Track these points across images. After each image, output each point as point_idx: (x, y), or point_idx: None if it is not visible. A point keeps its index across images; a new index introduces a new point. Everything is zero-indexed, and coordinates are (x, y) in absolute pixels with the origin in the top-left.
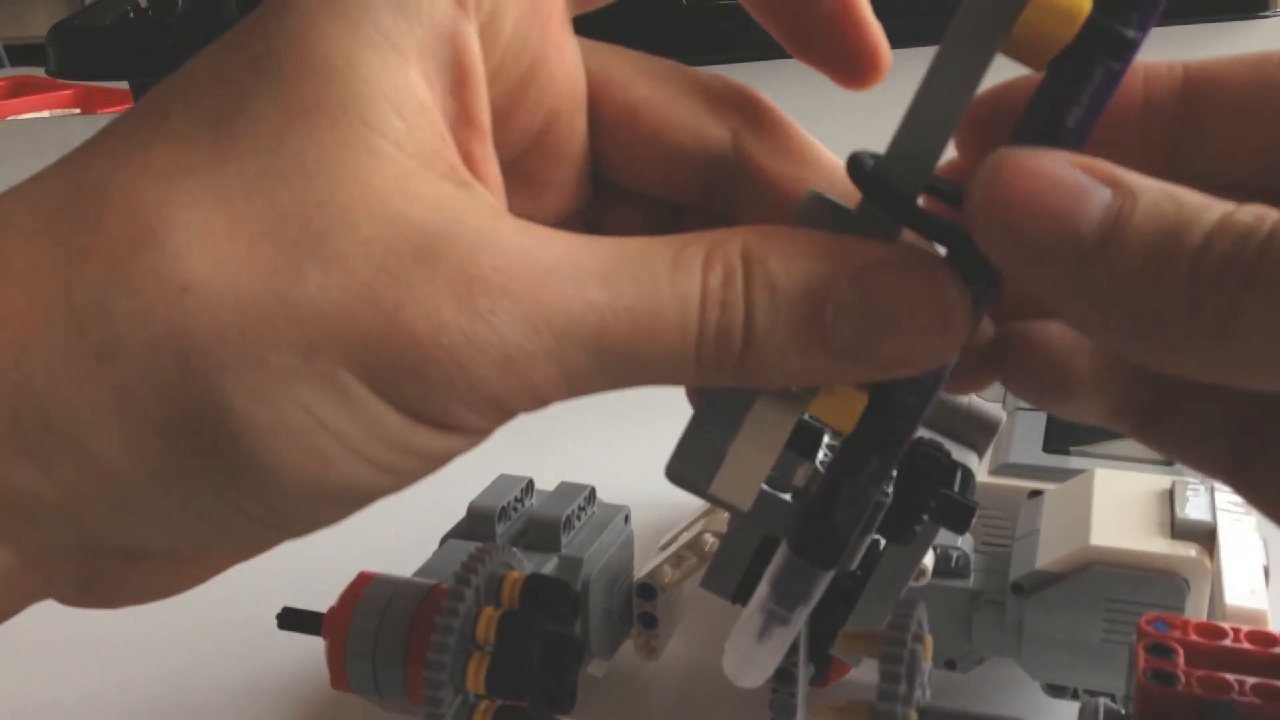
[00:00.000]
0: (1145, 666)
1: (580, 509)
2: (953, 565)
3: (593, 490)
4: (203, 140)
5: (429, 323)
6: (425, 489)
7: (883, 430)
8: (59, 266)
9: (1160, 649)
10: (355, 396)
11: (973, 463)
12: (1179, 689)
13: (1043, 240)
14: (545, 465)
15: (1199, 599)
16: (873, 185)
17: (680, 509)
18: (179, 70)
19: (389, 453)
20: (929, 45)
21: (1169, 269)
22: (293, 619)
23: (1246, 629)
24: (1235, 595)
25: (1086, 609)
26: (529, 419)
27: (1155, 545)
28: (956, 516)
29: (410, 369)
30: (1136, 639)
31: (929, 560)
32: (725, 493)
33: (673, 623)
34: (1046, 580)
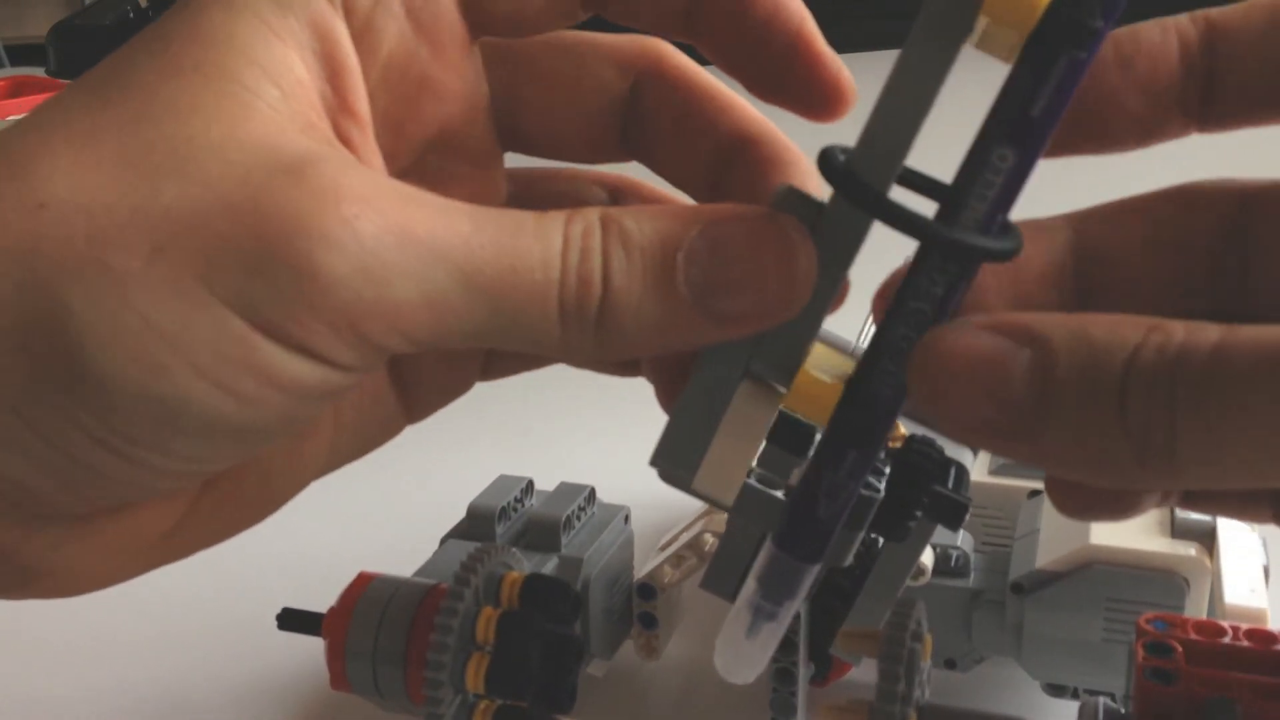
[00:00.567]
0: (1144, 665)
1: (580, 509)
2: (952, 565)
3: (593, 490)
4: (85, 98)
5: (285, 225)
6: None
7: (858, 423)
8: None
9: (1159, 647)
10: (198, 301)
11: (967, 459)
12: (1178, 687)
13: (984, 416)
14: (545, 465)
15: (1199, 598)
16: (843, 179)
17: (680, 509)
18: None
19: (231, 369)
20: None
21: (1102, 417)
22: (293, 619)
23: (1246, 627)
24: (1235, 594)
25: (1086, 608)
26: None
27: (1155, 544)
28: (949, 513)
29: (259, 271)
30: (1136, 637)
31: (929, 560)
32: (709, 487)
33: (673, 623)
34: (1046, 579)
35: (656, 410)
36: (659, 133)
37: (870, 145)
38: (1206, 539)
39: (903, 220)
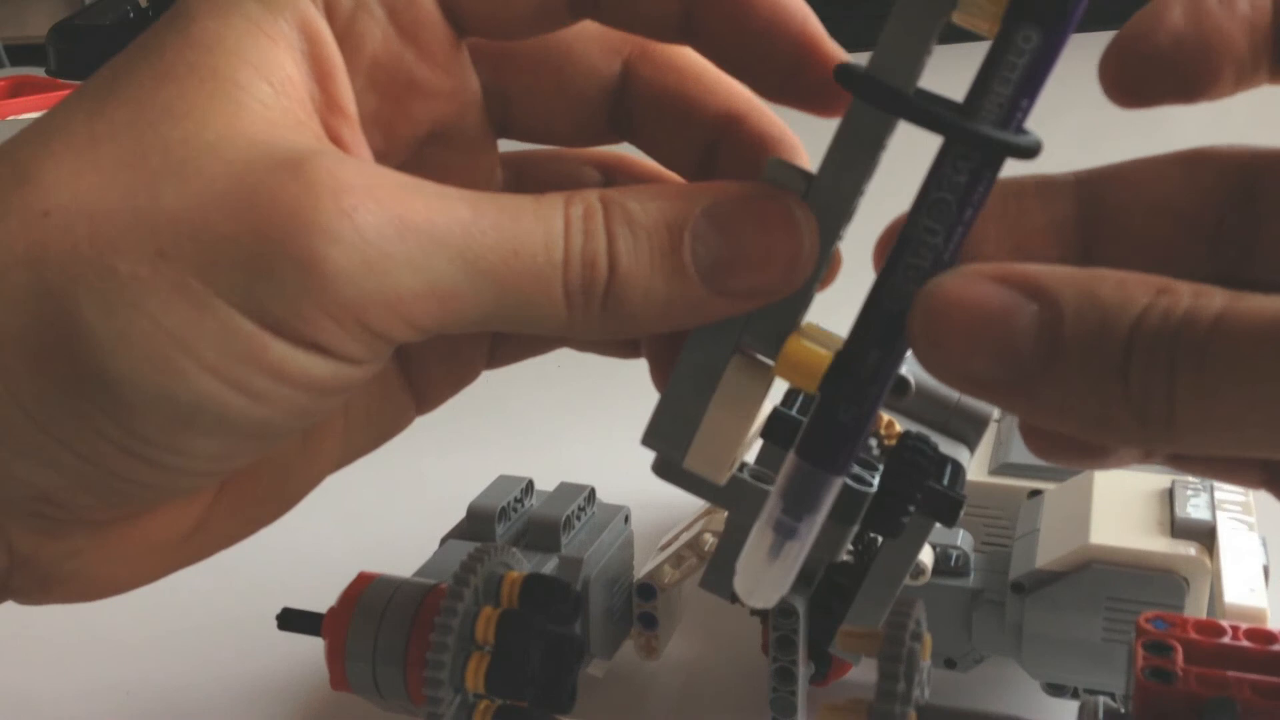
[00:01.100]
0: (1144, 664)
1: (580, 509)
2: (952, 564)
3: (593, 490)
4: (84, 105)
5: (285, 221)
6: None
7: (881, 322)
8: None
9: (1159, 646)
10: (204, 303)
11: (964, 456)
12: (1178, 686)
13: (986, 370)
14: (545, 465)
15: (1199, 598)
16: (863, 83)
17: (680, 509)
18: None
19: (241, 367)
20: None
21: (1104, 378)
22: (293, 619)
23: (1246, 627)
24: (1235, 594)
25: (1086, 608)
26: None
27: (1155, 544)
28: (944, 509)
29: (262, 268)
30: (1136, 637)
31: (929, 559)
32: (700, 465)
33: (673, 623)
34: (1046, 579)
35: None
36: (648, 115)
37: (887, 54)
38: (1206, 539)
39: (928, 116)
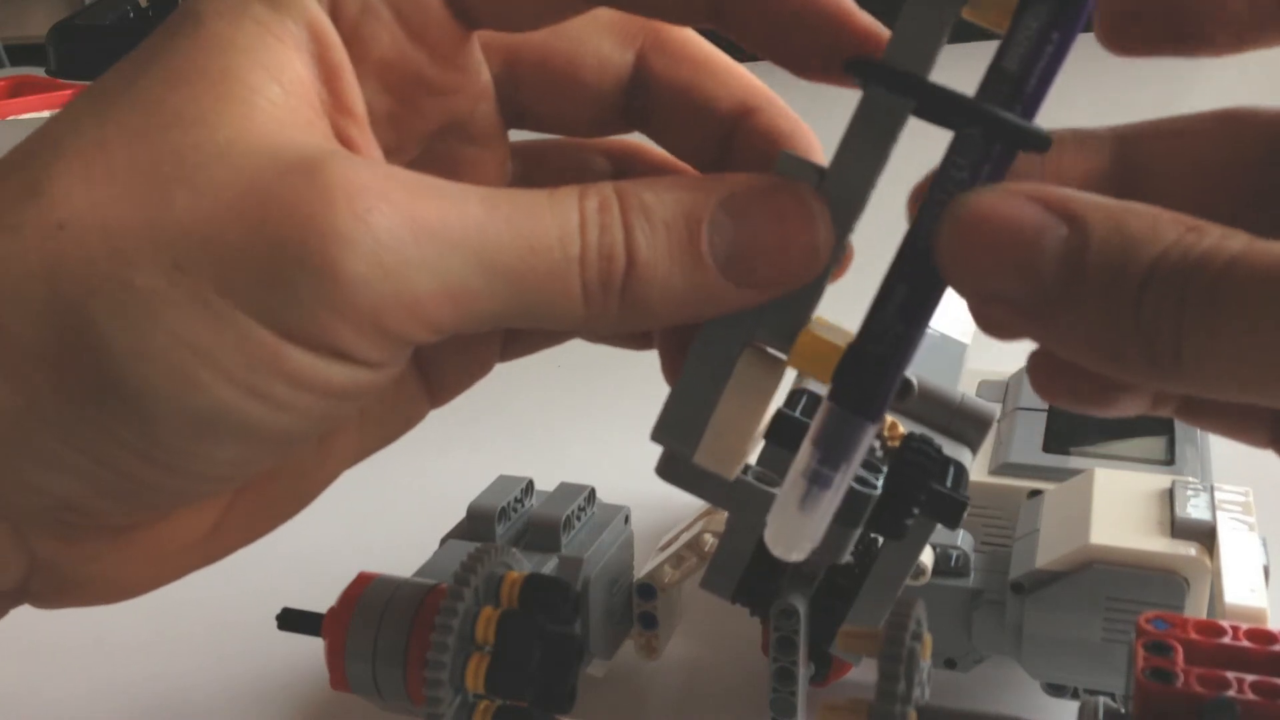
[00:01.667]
0: (1144, 664)
1: (580, 509)
2: (952, 564)
3: (593, 490)
4: (93, 110)
5: (299, 227)
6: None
7: (908, 259)
8: None
9: (1159, 647)
10: (221, 314)
11: (966, 458)
12: (1178, 686)
13: (1008, 288)
14: (545, 465)
15: (1199, 598)
16: (877, 71)
17: (680, 509)
18: None
19: (261, 376)
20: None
21: (1119, 310)
22: (292, 619)
23: (1246, 627)
24: (1235, 594)
25: (1086, 608)
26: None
27: (1155, 544)
28: (947, 511)
29: (277, 277)
30: (1135, 637)
31: (929, 559)
32: (710, 460)
33: (673, 622)
34: (1046, 579)
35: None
36: (662, 106)
37: (899, 47)
38: (1206, 539)
39: (944, 103)
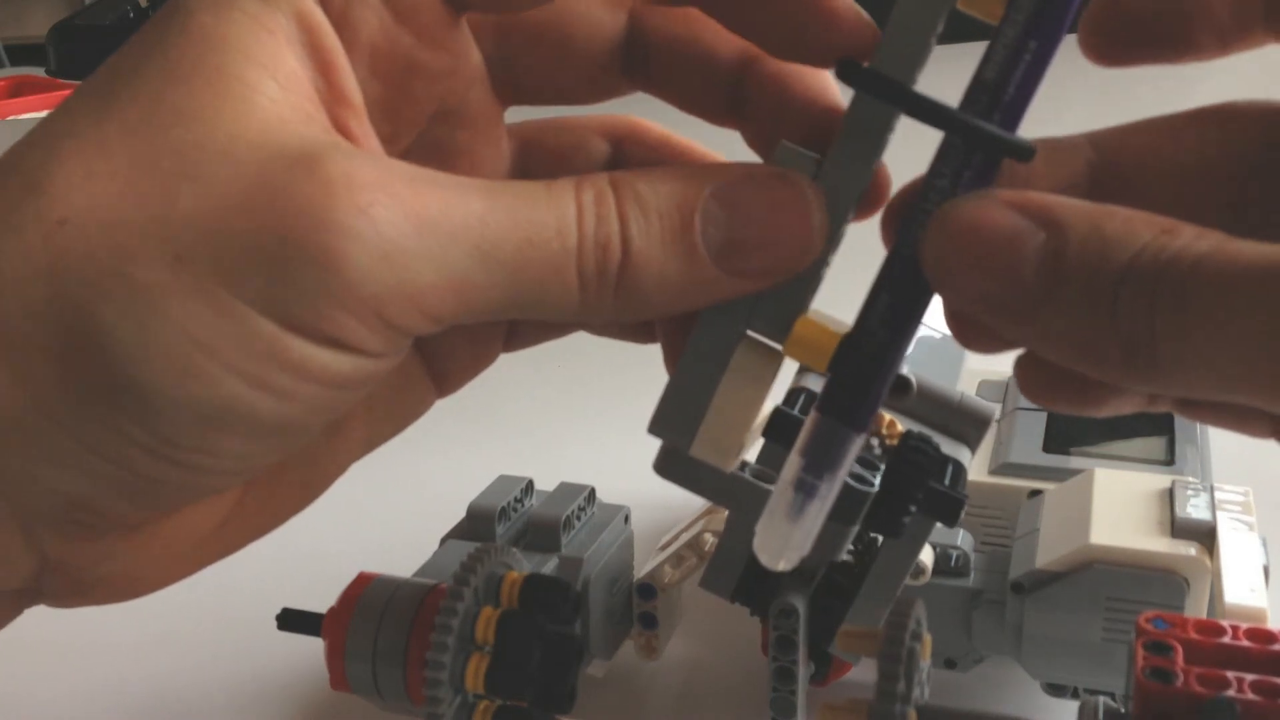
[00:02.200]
0: (1144, 664)
1: (580, 509)
2: (952, 564)
3: (593, 490)
4: (91, 107)
5: (301, 219)
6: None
7: (892, 268)
8: None
9: (1159, 646)
10: (224, 306)
11: (965, 457)
12: (1177, 686)
13: (991, 292)
14: (545, 465)
15: (1199, 598)
16: (866, 78)
17: (680, 509)
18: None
19: (264, 367)
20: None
21: (1097, 311)
22: (292, 619)
23: (1246, 626)
24: (1235, 594)
25: (1086, 608)
26: (529, 418)
27: (1155, 544)
28: (944, 509)
29: (280, 269)
30: (1135, 636)
31: (929, 559)
32: (707, 452)
33: (673, 622)
34: (1046, 579)
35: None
36: (663, 63)
37: (890, 49)
38: (1206, 539)
39: (930, 112)
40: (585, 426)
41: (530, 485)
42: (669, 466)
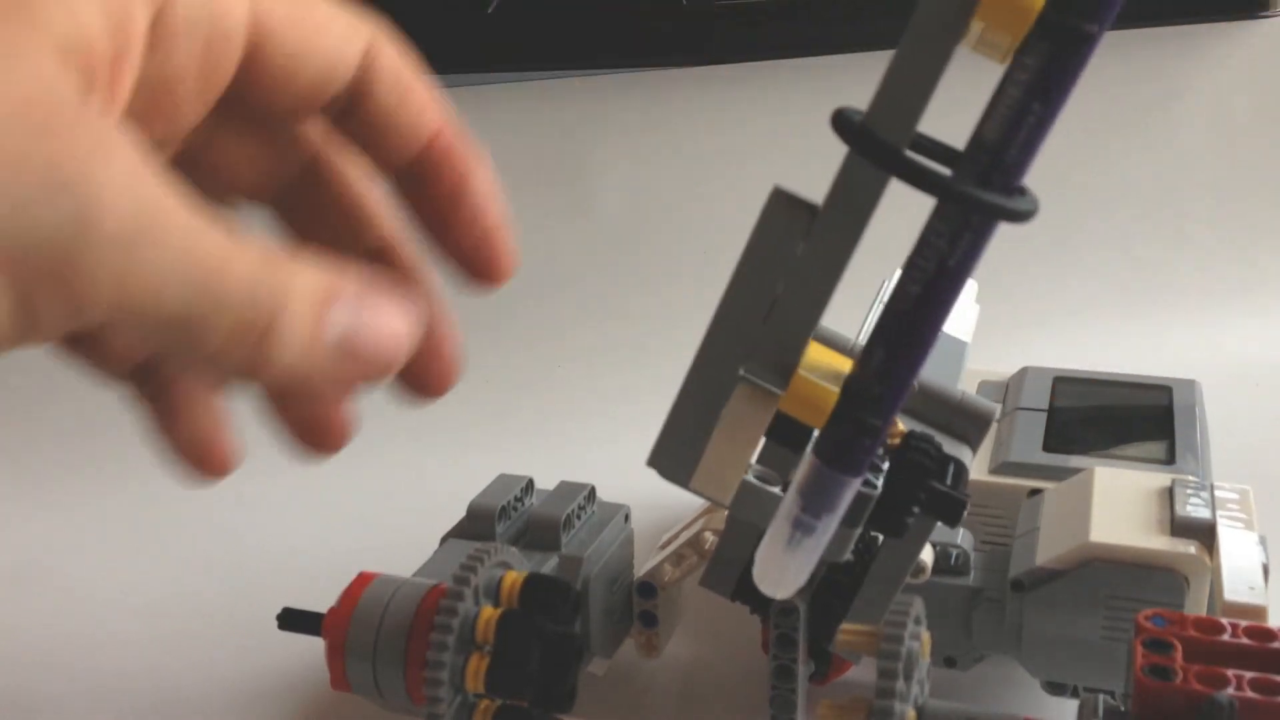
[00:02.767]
0: (1144, 661)
1: (580, 508)
2: (952, 563)
3: (593, 490)
4: None
5: (52, 174)
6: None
7: (885, 321)
8: None
9: (1158, 644)
10: None
11: (966, 456)
12: (1177, 683)
13: None
14: (545, 465)
15: (1198, 596)
16: (860, 139)
17: (680, 508)
18: None
19: None
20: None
21: None
22: (293, 619)
23: (1245, 624)
24: (1234, 592)
25: (1086, 606)
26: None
27: (1155, 542)
28: (946, 509)
29: (32, 199)
30: (1135, 634)
31: (929, 557)
32: (705, 487)
33: (673, 621)
34: (1046, 577)
35: (656, 410)
36: (375, 118)
37: (884, 105)
38: (1206, 537)
39: (921, 178)
40: (585, 426)
41: (530, 484)
42: (665, 465)
